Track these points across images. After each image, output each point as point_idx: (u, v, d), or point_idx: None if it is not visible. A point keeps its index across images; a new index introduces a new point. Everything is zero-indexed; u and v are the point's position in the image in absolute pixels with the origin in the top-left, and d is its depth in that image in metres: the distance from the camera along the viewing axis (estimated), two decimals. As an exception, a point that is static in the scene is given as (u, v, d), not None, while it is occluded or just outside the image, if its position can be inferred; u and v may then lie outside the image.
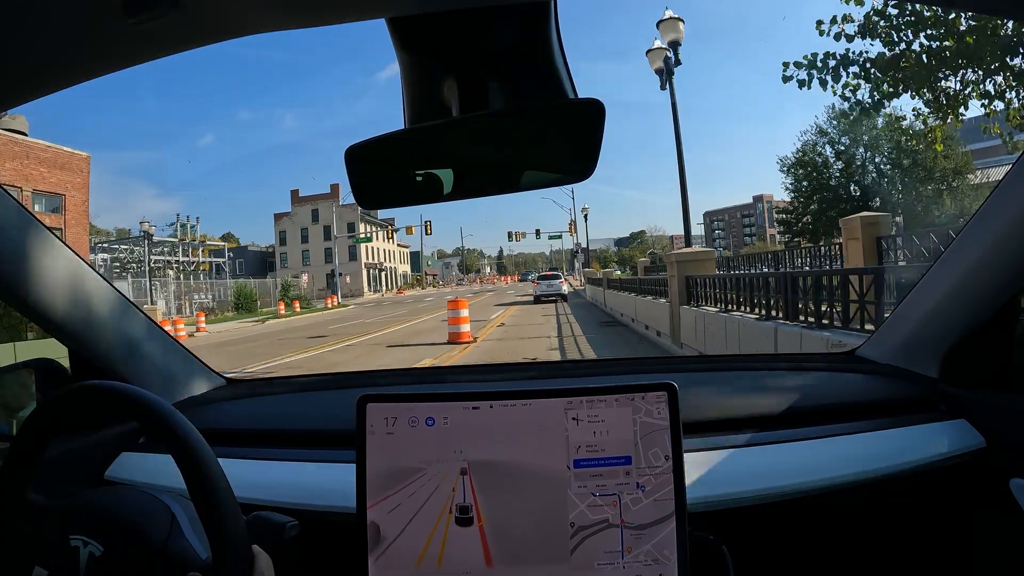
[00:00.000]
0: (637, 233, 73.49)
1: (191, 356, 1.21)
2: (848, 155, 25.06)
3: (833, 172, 25.56)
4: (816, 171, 25.62)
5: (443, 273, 67.92)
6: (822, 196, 25.34)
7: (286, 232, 45.27)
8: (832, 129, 25.64)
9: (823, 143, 25.99)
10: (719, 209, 71.29)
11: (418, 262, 59.97)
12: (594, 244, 38.94)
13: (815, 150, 26.05)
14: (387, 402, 0.70)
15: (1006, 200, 0.77)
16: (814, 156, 25.95)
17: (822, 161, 25.81)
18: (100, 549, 0.62)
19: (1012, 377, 0.87)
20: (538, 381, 1.17)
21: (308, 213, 44.23)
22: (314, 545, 0.80)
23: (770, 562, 0.82)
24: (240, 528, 0.62)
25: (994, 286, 0.82)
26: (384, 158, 0.71)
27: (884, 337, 1.09)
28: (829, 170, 25.64)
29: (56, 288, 0.91)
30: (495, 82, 0.68)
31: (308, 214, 44.27)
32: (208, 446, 0.64)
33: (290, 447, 0.99)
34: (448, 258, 74.13)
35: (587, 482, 0.67)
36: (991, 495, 0.81)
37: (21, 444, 0.68)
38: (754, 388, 1.05)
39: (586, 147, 0.64)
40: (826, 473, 0.81)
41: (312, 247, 43.64)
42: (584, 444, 0.68)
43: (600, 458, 0.67)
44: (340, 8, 0.50)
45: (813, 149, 26.10)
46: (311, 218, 43.99)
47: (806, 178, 25.81)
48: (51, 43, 0.51)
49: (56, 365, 1.08)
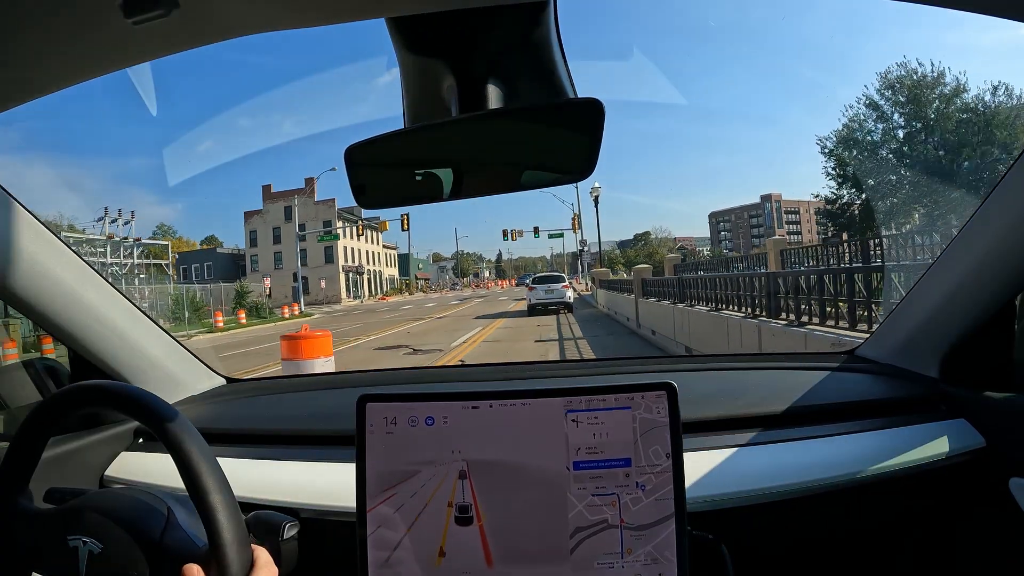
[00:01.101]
0: (642, 234, 71.72)
1: (191, 356, 1.21)
2: (914, 128, 21.24)
3: (897, 150, 21.66)
4: (870, 151, 22.06)
5: (437, 277, 64.07)
6: (879, 181, 21.90)
7: (257, 232, 39.41)
8: (886, 101, 21.82)
9: (873, 118, 22.09)
10: (725, 209, 68.84)
11: (406, 265, 53.18)
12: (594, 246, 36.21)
13: (864, 127, 22.28)
14: (387, 402, 0.70)
15: (1006, 200, 0.77)
16: (864, 134, 22.33)
17: (880, 138, 22.06)
18: (99, 546, 0.62)
19: (1012, 377, 0.87)
20: (538, 381, 1.17)
21: (281, 211, 38.18)
22: (314, 544, 0.80)
23: (770, 562, 0.82)
24: (240, 527, 0.62)
25: (994, 286, 0.82)
26: (384, 158, 0.71)
27: (884, 337, 1.09)
28: (888, 149, 21.91)
29: (56, 288, 0.91)
30: (495, 82, 0.68)
31: (281, 212, 38.18)
32: (207, 445, 0.64)
33: (290, 447, 0.99)
34: (444, 261, 72.41)
35: (586, 484, 0.67)
36: (991, 495, 0.81)
37: (20, 444, 0.68)
38: (754, 388, 1.05)
39: (586, 146, 0.64)
40: (826, 473, 0.81)
41: (285, 248, 38.05)
42: (584, 446, 0.68)
43: (600, 460, 0.67)
44: (340, 8, 0.50)
45: (862, 126, 22.35)
46: (284, 216, 37.88)
47: (855, 160, 22.41)
48: (51, 43, 0.51)
49: (56, 365, 1.09)
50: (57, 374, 1.08)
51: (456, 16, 0.60)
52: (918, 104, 21.12)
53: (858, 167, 22.88)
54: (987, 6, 0.49)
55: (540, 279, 17.75)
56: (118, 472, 0.99)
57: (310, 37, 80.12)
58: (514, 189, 0.71)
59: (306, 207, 37.35)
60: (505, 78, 0.68)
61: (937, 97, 20.59)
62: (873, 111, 22.27)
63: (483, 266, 75.57)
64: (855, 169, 22.93)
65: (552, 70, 0.69)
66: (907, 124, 21.53)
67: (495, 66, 0.67)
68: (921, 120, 21.16)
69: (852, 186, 23.45)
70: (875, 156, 22.13)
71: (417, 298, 36.88)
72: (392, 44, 0.64)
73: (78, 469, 0.95)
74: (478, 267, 74.69)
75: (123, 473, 0.98)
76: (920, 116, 21.17)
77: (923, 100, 21.01)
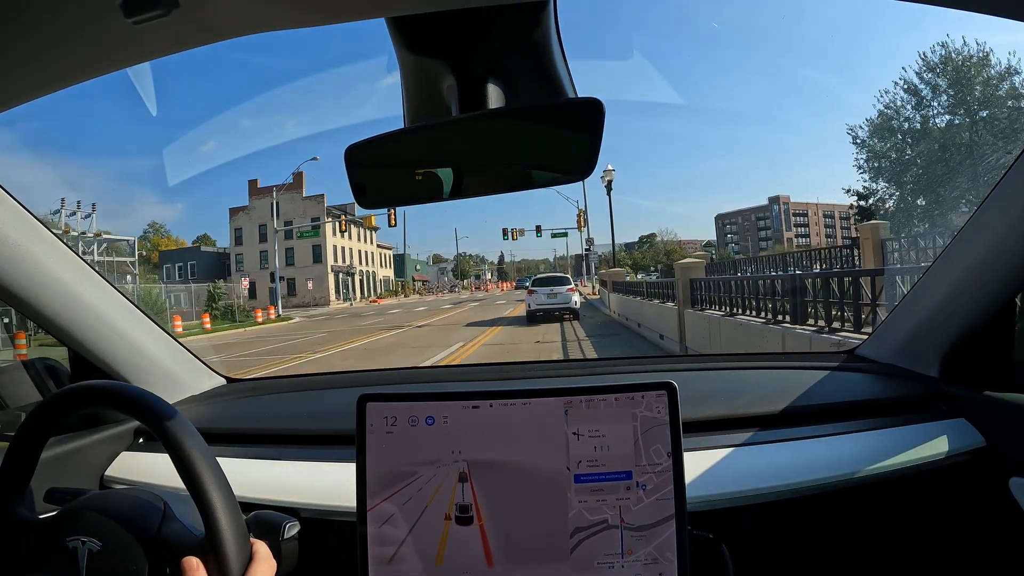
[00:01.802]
0: (647, 236, 70.48)
1: (191, 355, 1.21)
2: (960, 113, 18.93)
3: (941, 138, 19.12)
4: (912, 138, 19.58)
5: (437, 278, 62.23)
6: (922, 172, 19.30)
7: (242, 230, 36.77)
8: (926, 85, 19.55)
9: (913, 104, 19.92)
10: (732, 212, 67.75)
11: (402, 266, 50.47)
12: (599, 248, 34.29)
13: (900, 114, 20.07)
14: (387, 401, 0.70)
15: (1006, 200, 0.77)
16: (902, 121, 20.07)
17: (920, 126, 19.63)
18: (97, 544, 0.62)
19: (1012, 377, 0.87)
20: (538, 380, 1.17)
21: (268, 207, 34.46)
22: (314, 544, 0.80)
23: (770, 561, 0.82)
24: (239, 523, 0.62)
25: (994, 286, 0.82)
26: (384, 158, 0.71)
27: (884, 336, 1.09)
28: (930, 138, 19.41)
29: (56, 288, 0.91)
30: (495, 81, 0.68)
31: (268, 208, 34.50)
32: (207, 445, 0.64)
33: (290, 446, 0.99)
34: (444, 263, 70.90)
35: (587, 497, 0.67)
36: (991, 494, 0.81)
37: (20, 444, 0.68)
38: (754, 387, 1.05)
39: (586, 146, 0.64)
40: (826, 472, 0.81)
41: (271, 247, 33.87)
42: (585, 459, 0.68)
43: (601, 473, 0.67)
44: (340, 8, 0.50)
45: (899, 113, 20.14)
46: (271, 212, 34.22)
47: (893, 149, 19.97)
48: (50, 43, 0.51)
49: (56, 365, 1.09)
50: (57, 374, 1.08)
51: (456, 16, 0.60)
52: (963, 86, 19.00)
53: (896, 158, 20.60)
54: (987, 6, 0.49)
55: (541, 281, 14.92)
56: (118, 472, 0.99)
57: (310, 37, 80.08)
58: (514, 189, 0.71)
59: (293, 203, 35.42)
60: (505, 78, 0.68)
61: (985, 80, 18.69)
62: (913, 96, 20.24)
63: (485, 268, 74.82)
64: (892, 160, 20.72)
65: (552, 70, 0.69)
66: (952, 109, 19.37)
67: (495, 66, 0.67)
68: (967, 105, 19.06)
69: (889, 179, 21.12)
70: (917, 144, 19.94)
71: (411, 301, 34.94)
72: (392, 44, 0.64)
73: (78, 469, 0.95)
74: (480, 269, 73.92)
75: (123, 473, 0.98)
76: (966, 101, 19.09)
77: (968, 81, 18.93)
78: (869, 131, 20.85)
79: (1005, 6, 0.50)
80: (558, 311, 13.21)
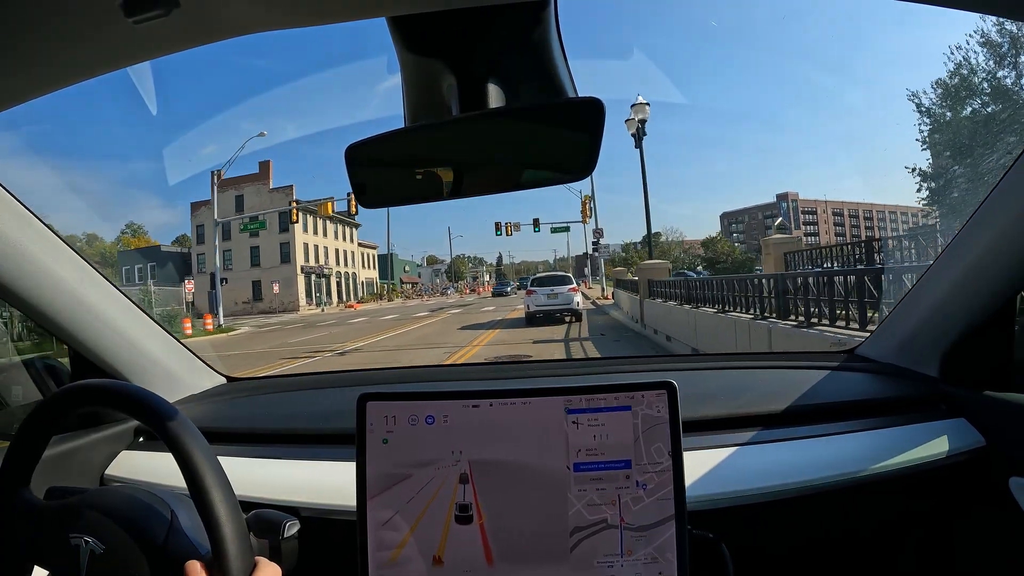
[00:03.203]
0: (653, 235, 69.68)
1: (192, 355, 1.22)
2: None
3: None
4: (996, 100, 14.86)
5: (431, 280, 57.65)
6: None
7: (204, 227, 31.02)
8: (1007, 39, 14.40)
9: (993, 60, 14.94)
10: (738, 210, 65.36)
11: (387, 267, 43.73)
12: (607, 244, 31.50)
13: (978, 72, 15.12)
14: (387, 401, 0.70)
15: (1006, 200, 0.77)
16: (981, 80, 15.14)
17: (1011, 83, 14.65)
18: (101, 547, 0.62)
19: (1012, 377, 0.87)
20: (538, 379, 1.17)
21: (231, 201, 30.86)
22: (314, 543, 0.81)
23: (770, 561, 0.82)
24: (240, 525, 0.62)
25: (994, 286, 0.82)
26: (384, 157, 0.71)
27: (884, 336, 1.09)
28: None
29: (57, 287, 0.91)
30: (495, 81, 0.68)
31: (231, 202, 30.87)
32: (208, 444, 0.64)
33: (290, 446, 0.99)
34: (439, 264, 67.25)
35: (587, 484, 0.67)
36: (991, 494, 0.81)
37: (21, 443, 0.68)
38: (754, 386, 1.05)
39: (586, 145, 0.64)
40: (826, 472, 0.81)
41: (236, 245, 31.27)
42: (584, 448, 0.68)
43: (600, 462, 0.68)
44: (340, 8, 0.50)
45: (975, 72, 15.23)
46: (235, 206, 30.70)
47: (971, 117, 15.30)
48: (51, 43, 0.51)
49: (56, 364, 1.09)
50: (57, 373, 1.08)
51: (456, 16, 0.60)
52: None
53: (974, 127, 15.80)
54: (987, 6, 0.49)
55: (541, 280, 13.93)
56: (118, 471, 0.99)
57: (311, 37, 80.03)
58: (514, 188, 0.71)
59: (259, 195, 31.41)
60: (505, 77, 0.68)
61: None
62: (992, 52, 15.27)
63: (483, 269, 73.83)
64: (972, 130, 15.87)
65: (552, 70, 0.69)
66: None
67: (495, 65, 0.67)
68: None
69: (964, 155, 16.13)
70: (1008, 106, 15.06)
71: (392, 306, 30.11)
72: (392, 44, 0.64)
73: (79, 468, 0.95)
74: (476, 270, 72.77)
75: (123, 472, 0.98)
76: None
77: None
78: (940, 95, 16.20)
79: (1005, 6, 0.50)
80: (559, 312, 12.52)
